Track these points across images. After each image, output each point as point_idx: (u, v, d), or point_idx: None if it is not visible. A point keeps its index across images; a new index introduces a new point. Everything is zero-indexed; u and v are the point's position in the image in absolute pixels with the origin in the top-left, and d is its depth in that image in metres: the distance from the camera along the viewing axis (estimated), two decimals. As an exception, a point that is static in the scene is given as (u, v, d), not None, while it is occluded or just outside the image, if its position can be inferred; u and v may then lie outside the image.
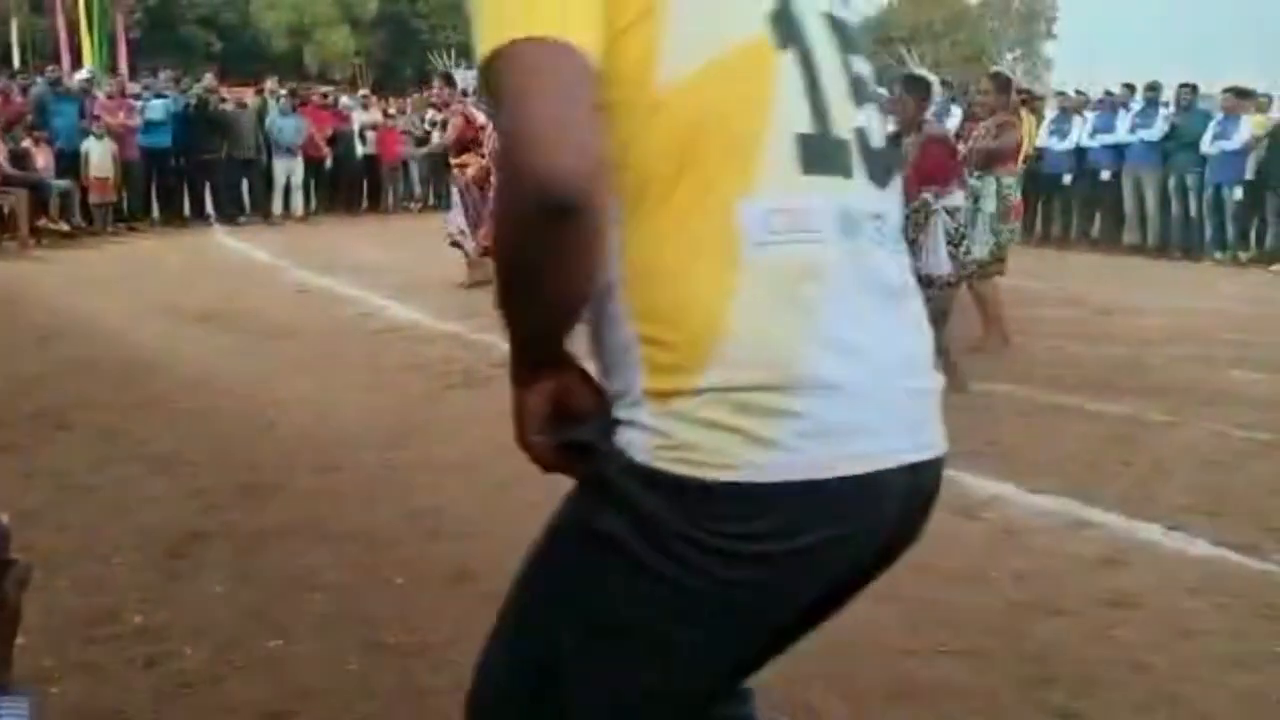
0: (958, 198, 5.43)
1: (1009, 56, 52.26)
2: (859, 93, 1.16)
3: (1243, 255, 11.36)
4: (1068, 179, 12.67)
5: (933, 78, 5.71)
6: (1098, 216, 12.71)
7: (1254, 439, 4.69)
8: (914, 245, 5.11)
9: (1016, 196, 6.39)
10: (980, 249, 6.17)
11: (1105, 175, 12.32)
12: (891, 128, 5.28)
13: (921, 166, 5.25)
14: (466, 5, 1.02)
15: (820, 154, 1.08)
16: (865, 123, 1.15)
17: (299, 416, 4.90)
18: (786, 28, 1.09)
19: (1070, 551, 3.44)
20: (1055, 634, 2.87)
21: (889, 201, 1.17)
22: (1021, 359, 6.23)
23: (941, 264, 5.35)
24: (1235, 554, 3.41)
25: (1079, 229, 12.84)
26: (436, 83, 10.28)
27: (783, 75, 1.08)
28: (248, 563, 3.23)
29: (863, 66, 1.18)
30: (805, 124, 1.08)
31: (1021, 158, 12.27)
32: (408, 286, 8.43)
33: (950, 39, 45.62)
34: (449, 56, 11.99)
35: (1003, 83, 6.39)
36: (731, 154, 1.04)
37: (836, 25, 1.16)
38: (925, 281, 5.32)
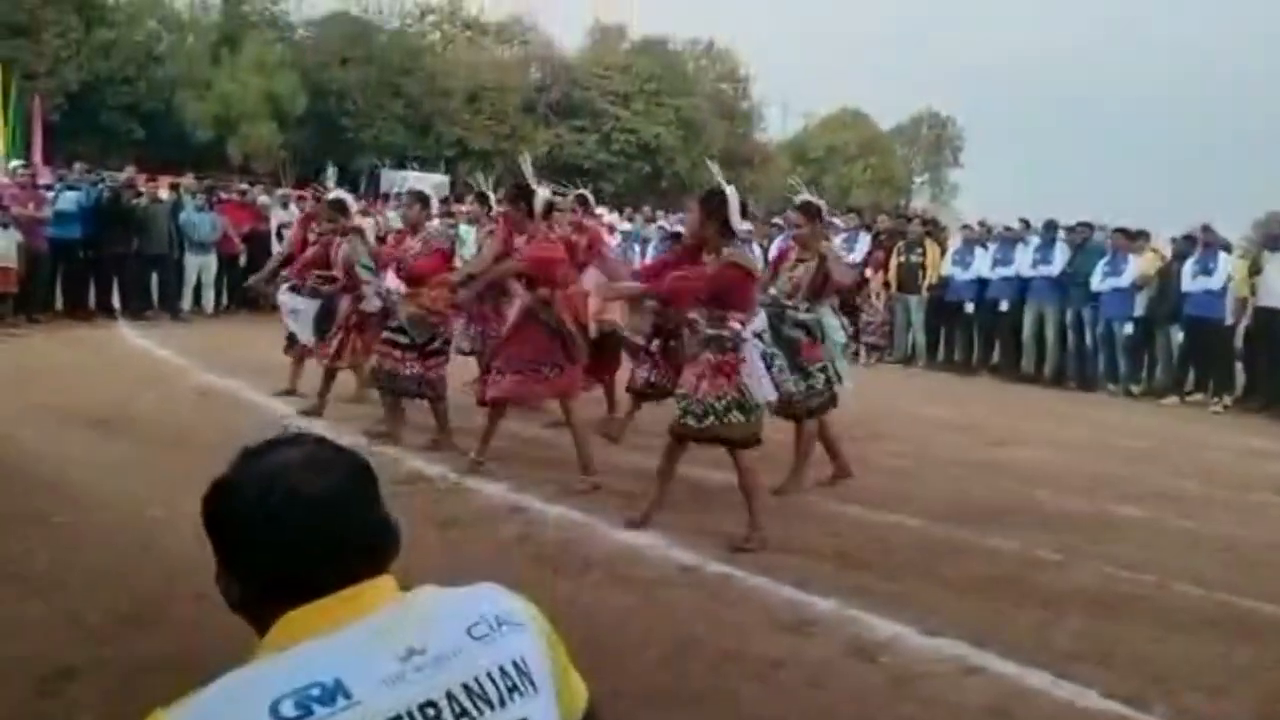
0: (760, 321, 5.23)
1: (917, 181, 54.52)
2: None
3: (1134, 389, 11.79)
4: (970, 307, 13.12)
5: (728, 188, 5.03)
6: (997, 345, 13.13)
7: (1139, 580, 4.81)
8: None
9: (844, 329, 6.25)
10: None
11: (1004, 306, 12.78)
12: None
13: (717, 289, 4.96)
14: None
15: None
16: None
17: (183, 536, 4.70)
18: None
19: (962, 701, 3.46)
20: (944, 791, 2.88)
21: None
22: (919, 490, 6.34)
23: (768, 390, 5.10)
24: (1123, 706, 3.45)
25: (980, 356, 13.24)
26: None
27: None
28: (120, 704, 3.08)
29: None
30: None
31: (926, 285, 12.88)
32: (313, 394, 7.73)
33: (863, 162, 47.37)
34: (377, 158, 11.88)
35: (813, 212, 6.09)
36: None
37: None
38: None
